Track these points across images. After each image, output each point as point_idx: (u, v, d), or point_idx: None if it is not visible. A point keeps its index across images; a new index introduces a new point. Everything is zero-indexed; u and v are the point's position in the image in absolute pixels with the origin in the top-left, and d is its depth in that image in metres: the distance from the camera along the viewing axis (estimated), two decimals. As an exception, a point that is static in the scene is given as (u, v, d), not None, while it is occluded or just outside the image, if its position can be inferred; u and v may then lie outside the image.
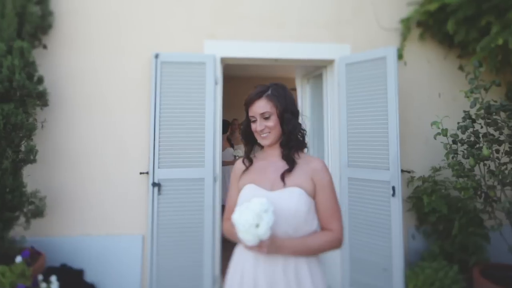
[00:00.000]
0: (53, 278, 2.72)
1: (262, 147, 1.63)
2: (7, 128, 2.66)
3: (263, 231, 1.32)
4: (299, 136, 1.56)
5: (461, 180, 2.97)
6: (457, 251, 3.15)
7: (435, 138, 2.97)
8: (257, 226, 1.32)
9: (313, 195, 1.50)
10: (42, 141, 3.11)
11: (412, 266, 3.14)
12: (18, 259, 2.59)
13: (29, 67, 2.82)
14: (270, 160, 1.59)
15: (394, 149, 3.05)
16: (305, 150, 1.61)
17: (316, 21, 3.54)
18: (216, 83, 3.32)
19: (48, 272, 2.90)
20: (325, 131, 3.73)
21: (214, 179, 3.26)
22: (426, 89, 3.61)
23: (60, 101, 3.23)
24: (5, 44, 2.72)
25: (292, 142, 1.53)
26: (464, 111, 3.05)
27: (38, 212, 2.89)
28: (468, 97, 2.87)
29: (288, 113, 1.53)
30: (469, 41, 3.30)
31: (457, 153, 3.00)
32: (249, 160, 1.64)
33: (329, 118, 3.67)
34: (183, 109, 3.21)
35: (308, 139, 1.67)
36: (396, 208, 3.03)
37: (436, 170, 3.33)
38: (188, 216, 3.16)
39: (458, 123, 3.02)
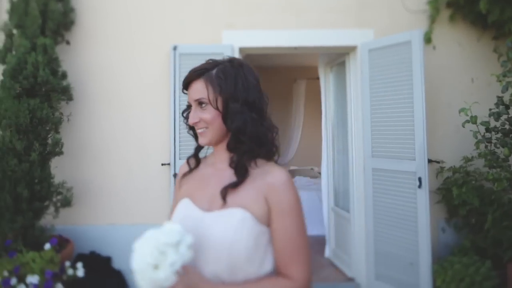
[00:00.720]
0: (79, 265, 2.83)
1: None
2: (34, 122, 2.78)
3: (164, 276, 0.90)
4: (260, 138, 1.07)
5: (493, 171, 2.78)
6: (490, 246, 2.95)
7: (463, 126, 2.79)
8: (156, 267, 0.91)
9: (267, 222, 1.03)
10: (68, 134, 3.24)
11: (441, 260, 2.99)
12: (47, 246, 2.72)
13: (53, 63, 2.91)
14: (218, 168, 1.14)
15: (420, 139, 2.91)
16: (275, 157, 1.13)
17: (336, 6, 3.40)
18: (235, 73, 3.28)
19: (77, 259, 3.04)
20: (348, 121, 3.62)
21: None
22: (457, 74, 3.39)
23: (84, 95, 3.34)
24: (29, 41, 2.83)
25: (245, 146, 1.06)
26: (498, 97, 2.83)
27: (66, 202, 3.02)
28: (500, 81, 2.66)
29: (236, 102, 1.05)
30: (504, 20, 3.04)
31: (490, 142, 2.80)
32: (196, 160, 1.22)
33: (352, 106, 3.55)
34: (202, 101, 3.22)
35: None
36: (422, 200, 2.90)
37: (468, 160, 3.13)
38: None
39: (490, 109, 2.82)
